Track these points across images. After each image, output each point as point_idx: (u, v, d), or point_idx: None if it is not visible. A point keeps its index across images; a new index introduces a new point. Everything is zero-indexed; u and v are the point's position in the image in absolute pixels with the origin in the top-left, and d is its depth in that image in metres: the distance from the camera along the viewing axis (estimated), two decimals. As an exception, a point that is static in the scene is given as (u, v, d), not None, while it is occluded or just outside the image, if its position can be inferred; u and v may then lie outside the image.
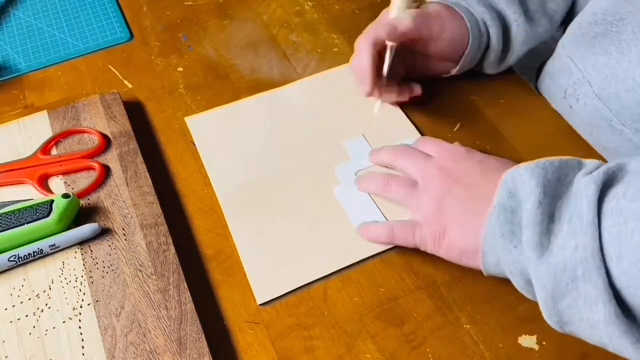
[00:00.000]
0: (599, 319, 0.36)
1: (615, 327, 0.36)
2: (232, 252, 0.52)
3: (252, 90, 0.65)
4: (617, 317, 0.35)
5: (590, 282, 0.36)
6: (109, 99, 0.62)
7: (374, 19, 0.66)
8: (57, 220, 0.50)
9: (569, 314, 0.38)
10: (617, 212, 0.36)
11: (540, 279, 0.39)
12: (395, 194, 0.51)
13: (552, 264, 0.38)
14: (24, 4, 0.77)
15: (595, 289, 0.36)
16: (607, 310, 0.36)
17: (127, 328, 0.46)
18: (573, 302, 0.38)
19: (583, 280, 0.37)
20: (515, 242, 0.41)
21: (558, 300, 0.38)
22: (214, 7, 0.75)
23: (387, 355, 0.46)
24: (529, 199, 0.40)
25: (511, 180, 0.42)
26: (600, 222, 0.37)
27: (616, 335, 0.36)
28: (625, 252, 0.35)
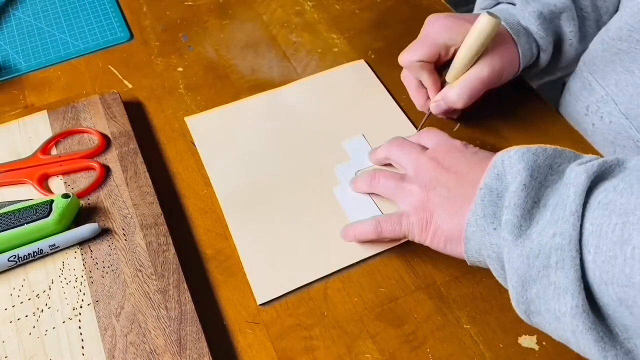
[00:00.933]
0: (565, 311, 0.35)
1: (581, 321, 0.34)
2: (232, 252, 0.52)
3: (252, 90, 0.65)
4: (584, 311, 0.34)
5: (562, 271, 0.35)
6: (109, 99, 0.62)
7: (374, 19, 0.66)
8: (57, 221, 0.50)
9: (537, 303, 0.37)
10: (604, 205, 0.34)
11: (512, 262, 0.38)
12: (383, 185, 0.50)
13: (527, 247, 0.37)
14: (23, 4, 0.77)
15: (566, 279, 0.35)
16: (574, 303, 0.34)
17: (127, 328, 0.46)
18: (542, 291, 0.37)
19: (555, 268, 0.35)
20: (496, 224, 0.40)
21: (528, 286, 0.37)
22: (214, 7, 0.75)
23: (387, 355, 0.46)
24: (515, 181, 0.38)
25: (500, 163, 0.41)
26: (584, 213, 0.35)
27: (580, 330, 0.35)
28: (603, 246, 0.34)
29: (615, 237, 0.33)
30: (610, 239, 0.33)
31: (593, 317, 0.34)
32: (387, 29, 0.71)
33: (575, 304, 0.34)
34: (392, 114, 0.61)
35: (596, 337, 0.34)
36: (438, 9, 0.73)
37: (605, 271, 0.33)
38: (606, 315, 0.35)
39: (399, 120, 0.61)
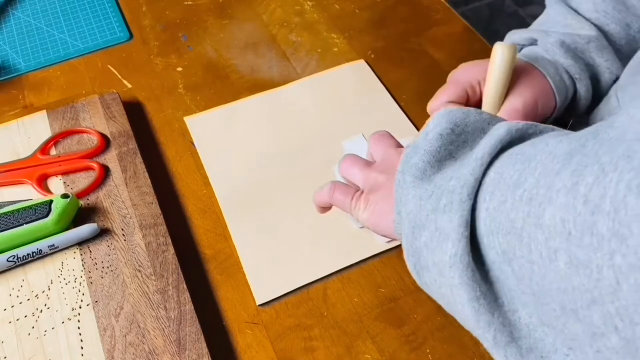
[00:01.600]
0: (444, 261, 0.32)
1: (457, 272, 0.31)
2: (232, 253, 0.52)
3: (251, 90, 0.65)
4: (462, 262, 0.31)
5: (448, 214, 0.32)
6: (108, 99, 0.62)
7: (374, 19, 0.66)
8: (56, 221, 0.50)
9: (425, 255, 0.34)
10: (514, 155, 0.32)
11: (406, 204, 0.35)
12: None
13: (422, 189, 0.35)
14: (23, 4, 0.77)
15: (450, 223, 0.32)
16: (453, 250, 0.31)
17: (126, 329, 0.46)
18: (429, 239, 0.33)
19: (442, 211, 0.33)
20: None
21: (417, 233, 0.34)
22: (214, 7, 0.75)
23: (387, 355, 0.45)
24: (433, 130, 0.36)
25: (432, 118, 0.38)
26: (491, 163, 0.32)
27: (455, 284, 0.32)
28: (498, 192, 0.30)
29: (512, 182, 0.30)
30: (506, 184, 0.30)
31: (472, 273, 0.31)
32: (387, 28, 0.71)
33: (454, 253, 0.31)
34: (392, 114, 0.61)
35: (471, 295, 0.31)
36: (438, 8, 0.73)
37: (494, 219, 0.30)
38: (494, 279, 0.32)
39: (399, 120, 0.61)
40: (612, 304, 0.23)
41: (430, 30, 0.70)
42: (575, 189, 0.25)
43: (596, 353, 0.25)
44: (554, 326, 0.28)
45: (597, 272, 0.23)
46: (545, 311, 0.28)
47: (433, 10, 0.73)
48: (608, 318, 0.23)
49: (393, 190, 0.39)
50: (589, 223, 0.24)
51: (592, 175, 0.24)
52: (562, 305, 0.26)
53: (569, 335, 0.27)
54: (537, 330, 0.30)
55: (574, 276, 0.24)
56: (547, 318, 0.28)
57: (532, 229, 0.27)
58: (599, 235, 0.23)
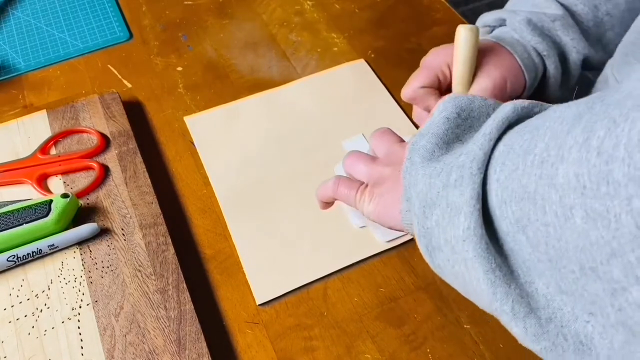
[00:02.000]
0: (458, 235, 0.32)
1: (471, 245, 0.31)
2: (232, 252, 0.52)
3: (251, 90, 0.65)
4: (475, 234, 0.31)
5: (459, 189, 0.32)
6: (108, 99, 0.62)
7: (374, 19, 0.66)
8: (56, 220, 0.50)
9: (437, 234, 0.34)
10: (521, 128, 0.32)
11: (416, 185, 0.35)
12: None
13: (431, 168, 0.35)
14: (23, 4, 0.77)
15: (461, 197, 0.31)
16: (466, 224, 0.31)
17: (126, 328, 0.46)
18: (441, 216, 0.33)
19: (453, 186, 0.32)
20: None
21: (429, 212, 0.34)
22: (214, 7, 0.75)
23: (387, 355, 0.45)
24: (439, 115, 0.37)
25: (438, 105, 0.38)
26: (501, 137, 0.32)
27: (470, 257, 0.31)
28: (509, 162, 0.30)
29: (521, 150, 0.30)
30: (516, 153, 0.30)
31: (486, 245, 0.31)
32: (387, 28, 0.71)
33: (467, 226, 0.31)
34: (392, 114, 0.61)
35: (486, 267, 0.31)
36: (438, 7, 0.73)
37: (506, 187, 0.30)
38: (508, 252, 0.31)
39: (399, 119, 0.61)
40: (632, 253, 0.23)
41: (430, 30, 0.70)
42: (587, 144, 0.25)
43: (618, 312, 0.25)
44: (573, 292, 0.28)
45: (615, 220, 0.23)
46: (562, 276, 0.28)
47: (433, 10, 0.73)
48: (629, 269, 0.23)
49: (399, 181, 0.39)
50: (604, 173, 0.23)
51: (604, 129, 0.24)
52: (580, 265, 0.26)
53: (589, 299, 0.27)
54: (555, 299, 0.29)
55: (592, 230, 0.24)
56: (565, 284, 0.28)
57: (545, 190, 0.27)
58: (615, 182, 0.23)
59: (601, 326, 0.27)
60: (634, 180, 0.22)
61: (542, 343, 0.29)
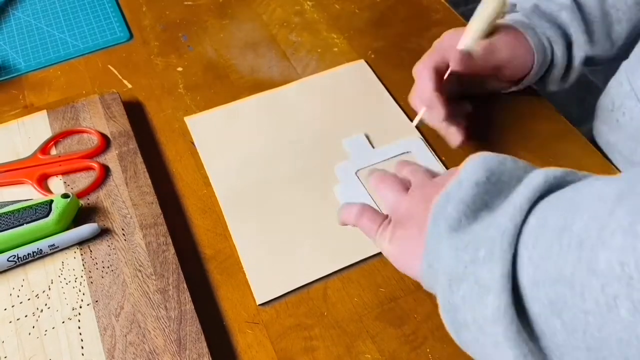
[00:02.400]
0: (486, 315, 0.30)
1: (501, 327, 0.29)
2: (232, 252, 0.52)
3: (251, 90, 0.65)
4: (505, 317, 0.29)
5: (488, 265, 0.30)
6: (109, 99, 0.62)
7: (374, 19, 0.66)
8: (57, 221, 0.50)
9: (463, 311, 0.32)
10: (555, 200, 0.30)
11: (442, 258, 0.33)
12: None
13: (458, 239, 0.33)
14: (23, 4, 0.77)
15: (490, 274, 0.30)
16: (496, 303, 0.29)
17: (126, 328, 0.46)
18: (469, 292, 0.31)
19: (482, 262, 0.30)
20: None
21: (455, 287, 0.32)
22: (214, 7, 0.75)
23: (387, 355, 0.45)
24: (468, 179, 0.34)
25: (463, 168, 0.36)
26: (532, 209, 0.31)
27: (500, 341, 0.29)
28: (542, 239, 0.28)
29: (557, 227, 0.28)
30: (551, 230, 0.28)
31: (517, 328, 0.29)
32: (387, 28, 0.71)
33: (497, 305, 0.29)
34: (392, 114, 0.61)
35: (517, 353, 0.29)
36: (438, 8, 0.73)
37: (538, 267, 0.28)
38: (539, 334, 0.29)
39: (399, 120, 0.61)
40: None
41: (430, 31, 0.70)
42: (633, 229, 0.23)
43: None
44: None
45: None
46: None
47: (433, 10, 0.73)
48: None
49: (422, 235, 0.37)
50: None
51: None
52: (624, 358, 0.24)
53: None
54: None
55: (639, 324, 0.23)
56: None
57: (584, 275, 0.25)
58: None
59: None
60: None
61: None
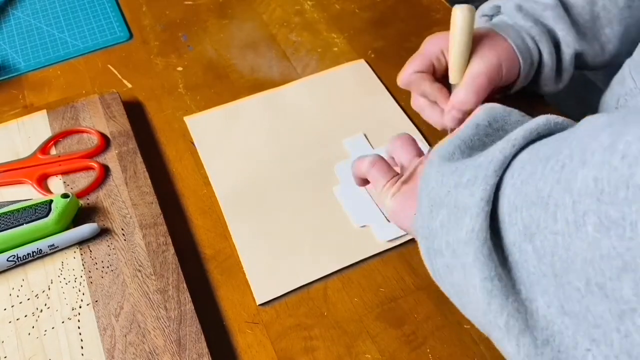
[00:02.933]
0: (459, 238, 0.30)
1: (472, 248, 0.29)
2: (232, 252, 0.52)
3: (251, 90, 0.65)
4: (478, 238, 0.29)
5: (470, 189, 0.30)
6: (109, 99, 0.62)
7: (374, 19, 0.66)
8: (56, 220, 0.50)
9: (440, 236, 0.32)
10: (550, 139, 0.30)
11: (428, 182, 0.33)
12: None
13: (446, 167, 0.33)
14: (23, 4, 0.77)
15: (471, 197, 0.30)
16: (471, 226, 0.29)
17: (126, 328, 0.46)
18: (447, 217, 0.31)
19: (465, 186, 0.30)
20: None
21: (435, 212, 0.32)
22: (214, 7, 0.75)
23: (387, 355, 0.45)
24: (469, 121, 0.35)
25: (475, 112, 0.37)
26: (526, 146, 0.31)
27: (469, 262, 0.29)
28: (529, 166, 0.29)
29: (545, 156, 0.28)
30: (539, 159, 0.28)
31: (489, 251, 0.29)
32: (387, 28, 0.71)
33: (471, 228, 0.29)
34: (392, 114, 0.61)
35: (485, 274, 0.28)
36: (438, 8, 0.73)
37: (519, 192, 0.28)
38: (512, 264, 0.29)
39: (399, 119, 0.61)
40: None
41: (430, 30, 0.70)
42: (612, 147, 0.23)
43: (624, 339, 0.23)
44: (576, 313, 0.26)
45: (630, 229, 0.22)
46: (567, 294, 0.26)
47: (433, 10, 0.73)
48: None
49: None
50: (625, 176, 0.22)
51: (633, 135, 0.23)
52: (587, 281, 0.24)
53: (593, 322, 0.25)
54: (556, 322, 0.27)
55: (604, 240, 0.23)
56: (569, 304, 0.26)
57: (560, 194, 0.25)
58: (636, 186, 0.22)
59: (603, 357, 0.25)
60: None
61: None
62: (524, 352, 0.27)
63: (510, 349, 0.28)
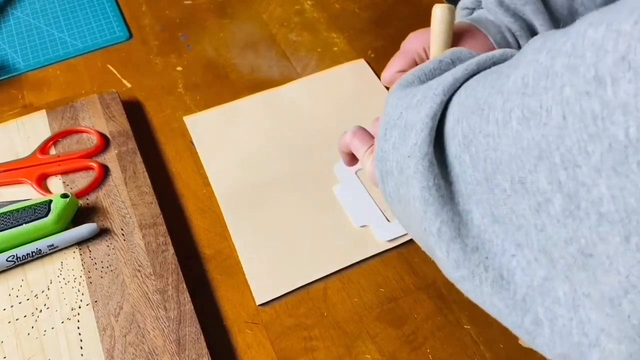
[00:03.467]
0: (405, 153, 0.31)
1: (414, 161, 0.30)
2: (232, 252, 0.52)
3: (251, 90, 0.65)
4: (420, 151, 0.30)
5: (418, 108, 0.31)
6: (108, 99, 0.62)
7: (374, 18, 0.66)
8: (56, 220, 0.50)
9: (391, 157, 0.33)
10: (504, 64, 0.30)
11: (386, 108, 0.34)
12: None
13: (403, 92, 0.34)
14: (22, 4, 0.77)
15: (417, 115, 0.31)
16: (414, 140, 0.30)
17: (125, 329, 0.46)
18: (397, 137, 0.32)
19: (414, 106, 0.31)
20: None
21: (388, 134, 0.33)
22: (214, 7, 0.75)
23: (387, 355, 0.45)
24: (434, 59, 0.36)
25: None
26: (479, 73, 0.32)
27: (411, 174, 0.30)
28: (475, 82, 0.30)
29: (489, 72, 0.29)
30: (483, 76, 0.29)
31: (429, 164, 0.30)
32: (387, 28, 0.71)
33: (414, 142, 0.30)
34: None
35: (423, 184, 0.30)
36: (438, 8, 0.73)
37: (462, 105, 0.29)
38: (453, 178, 0.30)
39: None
40: (557, 152, 0.23)
41: (430, 30, 0.70)
42: (541, 47, 0.24)
43: (540, 233, 0.25)
44: (503, 217, 0.27)
45: (546, 115, 0.23)
46: (496, 197, 0.27)
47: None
48: (554, 173, 0.23)
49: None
50: (546, 66, 0.23)
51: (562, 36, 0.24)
52: (511, 179, 0.26)
53: (517, 223, 0.26)
54: (487, 231, 0.28)
55: (525, 132, 0.24)
56: (498, 210, 0.27)
57: (493, 98, 0.27)
58: (554, 74, 0.23)
59: (526, 261, 0.26)
60: (570, 68, 0.22)
61: (461, 270, 0.29)
62: (453, 257, 0.29)
63: (440, 254, 0.30)
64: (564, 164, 0.23)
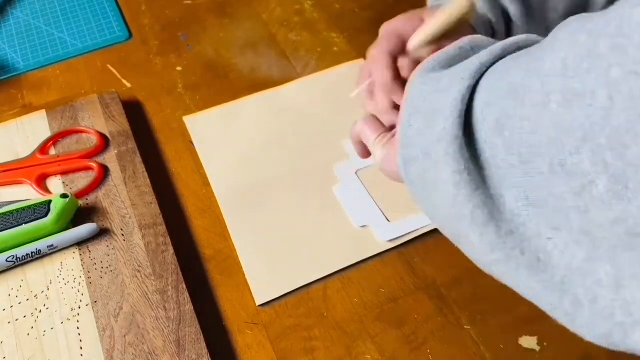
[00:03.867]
0: (432, 139, 0.30)
1: (443, 145, 0.29)
2: (231, 253, 0.51)
3: (251, 90, 0.65)
4: (450, 135, 0.29)
5: (446, 93, 0.31)
6: (108, 99, 0.62)
7: (374, 18, 0.66)
8: (55, 221, 0.50)
9: (415, 142, 0.32)
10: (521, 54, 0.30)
11: (410, 92, 0.34)
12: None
13: (427, 77, 0.33)
14: (22, 4, 0.77)
15: (446, 99, 0.30)
16: (442, 124, 0.30)
17: (125, 329, 0.46)
18: (423, 123, 0.32)
19: (441, 91, 0.31)
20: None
21: (413, 120, 0.33)
22: (213, 6, 0.75)
23: (387, 356, 0.45)
24: (454, 44, 0.35)
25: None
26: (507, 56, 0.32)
27: (441, 159, 0.30)
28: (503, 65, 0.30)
29: (518, 55, 0.29)
30: (512, 59, 0.29)
31: (460, 147, 0.29)
32: (387, 28, 0.71)
33: (444, 126, 0.30)
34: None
35: (454, 168, 0.29)
36: (438, 8, 0.73)
37: (493, 88, 0.29)
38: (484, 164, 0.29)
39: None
40: (602, 133, 0.22)
41: (430, 30, 0.70)
42: (580, 29, 0.24)
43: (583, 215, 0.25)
44: (539, 201, 0.27)
45: (590, 96, 0.23)
46: (531, 182, 0.27)
47: (433, 9, 0.73)
48: (598, 155, 0.23)
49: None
50: (588, 48, 0.23)
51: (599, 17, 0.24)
52: (550, 162, 0.25)
53: (554, 206, 0.26)
54: (521, 214, 0.28)
55: (566, 114, 0.24)
56: (533, 193, 0.27)
57: (529, 81, 0.26)
58: (597, 56, 0.23)
59: (564, 243, 0.26)
60: (616, 48, 0.22)
61: (496, 254, 0.28)
62: (487, 240, 0.28)
63: (474, 238, 0.29)
64: (611, 144, 0.22)
